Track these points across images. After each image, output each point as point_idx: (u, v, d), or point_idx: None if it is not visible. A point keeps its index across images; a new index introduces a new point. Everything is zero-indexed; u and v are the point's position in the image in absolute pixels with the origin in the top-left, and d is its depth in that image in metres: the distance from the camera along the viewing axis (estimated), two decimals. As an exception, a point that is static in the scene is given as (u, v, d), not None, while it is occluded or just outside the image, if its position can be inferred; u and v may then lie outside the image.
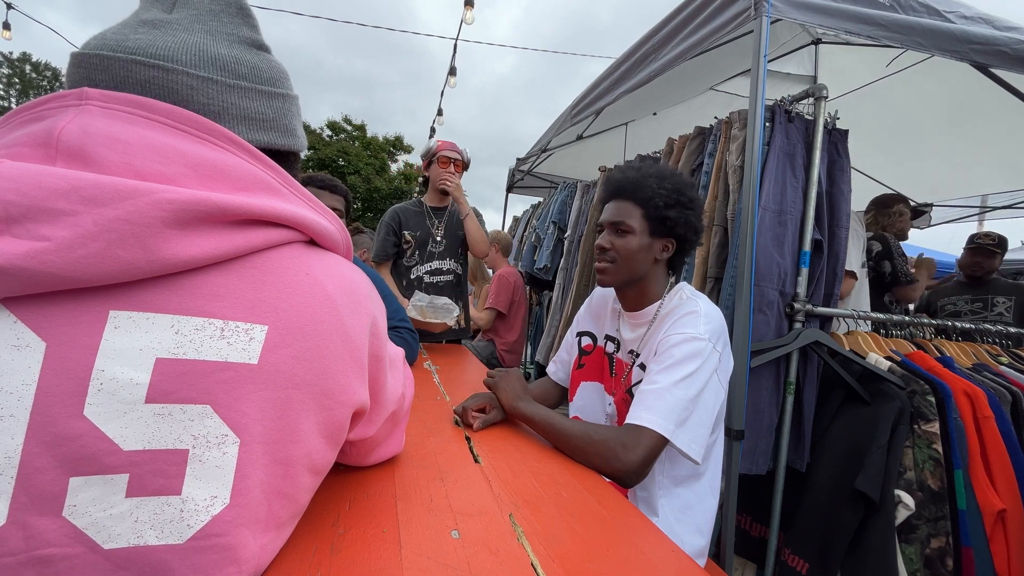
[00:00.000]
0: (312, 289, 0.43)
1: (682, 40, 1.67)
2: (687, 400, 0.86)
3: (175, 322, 0.36)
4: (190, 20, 0.44)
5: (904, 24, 1.39)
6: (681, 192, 1.00)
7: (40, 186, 0.33)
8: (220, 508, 0.36)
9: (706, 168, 1.82)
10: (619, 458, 0.82)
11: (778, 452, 1.47)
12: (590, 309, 1.23)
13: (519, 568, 0.50)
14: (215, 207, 0.37)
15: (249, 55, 0.47)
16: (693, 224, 1.01)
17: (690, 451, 0.85)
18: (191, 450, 0.35)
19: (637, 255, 1.00)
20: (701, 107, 2.68)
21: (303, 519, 0.54)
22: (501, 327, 3.16)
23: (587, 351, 1.18)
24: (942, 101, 2.39)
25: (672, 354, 0.91)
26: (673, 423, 0.84)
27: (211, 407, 0.36)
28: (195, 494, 0.35)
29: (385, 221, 2.12)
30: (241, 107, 0.45)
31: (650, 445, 0.83)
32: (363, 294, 0.49)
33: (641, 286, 1.04)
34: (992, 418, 1.35)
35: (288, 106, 0.50)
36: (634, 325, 1.06)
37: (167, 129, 0.39)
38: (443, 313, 1.76)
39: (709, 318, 0.95)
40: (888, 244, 2.25)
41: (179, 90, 0.41)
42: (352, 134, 21.34)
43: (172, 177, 0.37)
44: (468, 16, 4.71)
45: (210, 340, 0.37)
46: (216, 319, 0.37)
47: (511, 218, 4.85)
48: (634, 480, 0.84)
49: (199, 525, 0.35)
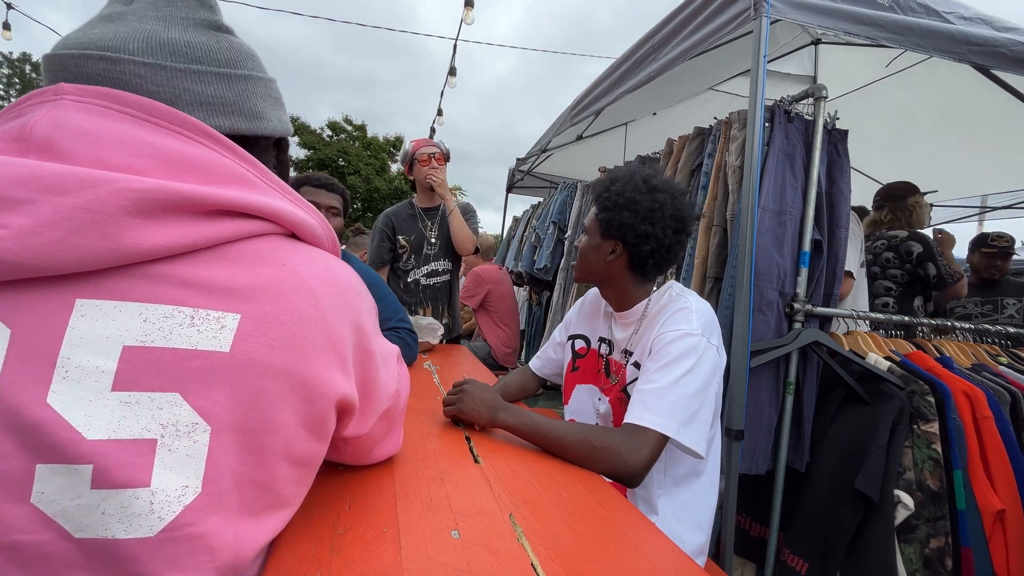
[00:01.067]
0: (289, 279, 0.42)
1: (682, 40, 1.67)
2: (688, 397, 0.87)
3: (143, 310, 0.36)
4: (145, 8, 0.44)
5: (903, 25, 1.39)
6: (623, 195, 0.98)
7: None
8: (192, 498, 0.36)
9: (706, 168, 1.82)
10: (625, 462, 0.82)
11: (778, 452, 1.47)
12: (583, 312, 1.23)
13: (519, 568, 0.50)
14: (180, 196, 0.37)
15: (204, 37, 0.45)
16: (632, 226, 0.97)
17: (697, 448, 0.85)
18: (159, 439, 0.35)
19: (588, 254, 1.06)
20: (701, 107, 2.68)
21: (303, 519, 0.54)
22: (487, 325, 3.15)
23: (581, 354, 1.18)
24: (942, 101, 2.39)
25: (668, 351, 0.91)
26: (677, 422, 0.84)
27: (180, 395, 0.36)
28: (165, 484, 0.35)
29: (378, 227, 2.11)
30: (196, 92, 0.44)
31: (654, 446, 0.84)
32: (347, 287, 0.48)
33: (612, 286, 1.07)
34: (991, 418, 1.35)
35: (252, 88, 0.48)
36: (624, 325, 1.08)
37: (139, 122, 0.39)
38: (426, 332, 1.77)
39: (700, 313, 0.96)
40: (929, 244, 2.04)
41: (128, 79, 0.41)
42: (352, 134, 21.34)
43: (141, 170, 0.38)
44: (468, 16, 4.71)
45: (180, 328, 0.36)
46: (186, 307, 0.37)
47: (511, 218, 4.85)
48: (639, 481, 0.84)
49: (171, 516, 0.35)
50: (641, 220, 0.97)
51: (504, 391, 1.22)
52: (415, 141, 2.09)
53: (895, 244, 2.10)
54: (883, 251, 2.14)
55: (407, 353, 1.42)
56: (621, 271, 1.04)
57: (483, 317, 3.18)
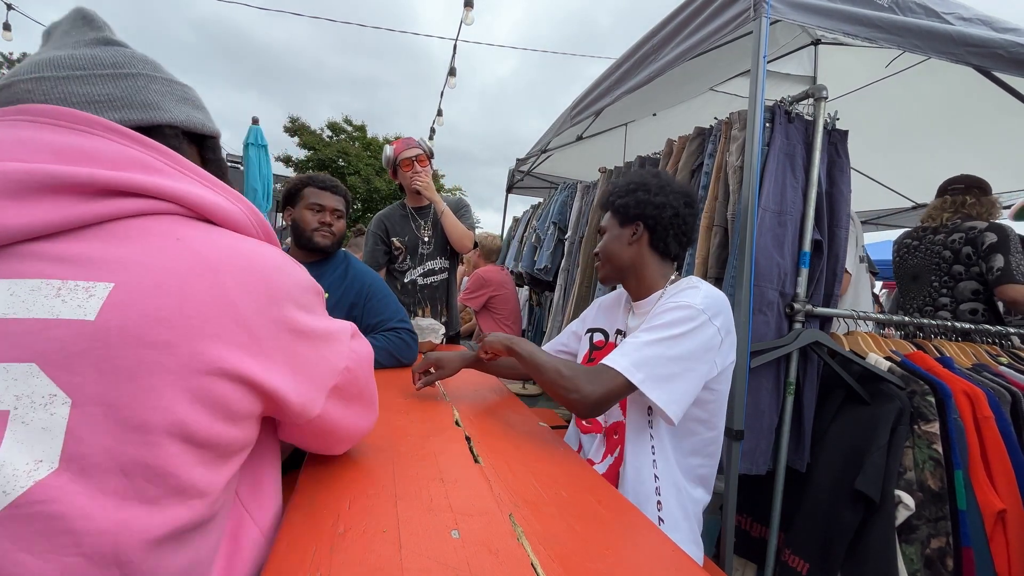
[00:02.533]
0: (181, 253, 0.42)
1: (682, 41, 1.67)
2: (667, 358, 0.87)
3: (11, 286, 0.37)
4: (49, 47, 0.50)
5: (901, 26, 1.39)
6: (634, 181, 1.09)
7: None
8: (46, 473, 0.34)
9: (706, 169, 1.82)
10: (578, 389, 0.87)
11: (778, 452, 1.47)
12: (602, 308, 1.27)
13: (519, 568, 0.50)
14: (47, 176, 0.39)
15: (91, 50, 0.50)
16: (656, 204, 1.06)
17: (667, 408, 0.85)
18: (12, 411, 0.34)
19: (611, 247, 1.11)
20: (701, 107, 2.68)
21: (303, 519, 0.54)
22: (489, 326, 3.16)
23: (599, 346, 1.20)
24: (942, 101, 2.39)
25: (662, 317, 0.93)
26: (644, 374, 0.86)
27: (37, 365, 0.35)
28: (14, 459, 0.33)
29: (372, 230, 2.11)
30: (82, 93, 0.48)
31: (612, 386, 0.87)
32: (265, 265, 0.48)
33: (636, 275, 1.10)
34: (992, 418, 1.35)
35: (143, 84, 0.52)
36: (640, 314, 1.09)
37: (38, 125, 0.43)
38: (428, 333, 1.78)
39: (708, 294, 0.96)
40: (1007, 235, 1.75)
41: (20, 96, 0.46)
42: (352, 135, 21.34)
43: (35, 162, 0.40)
44: (468, 16, 4.72)
45: (44, 299, 0.36)
46: (55, 279, 0.38)
47: (511, 219, 4.85)
48: (588, 412, 0.89)
49: (17, 492, 0.33)
50: (655, 194, 1.07)
51: (494, 368, 1.28)
52: (395, 144, 2.08)
53: (973, 237, 1.80)
54: (962, 245, 1.81)
55: (407, 353, 1.42)
56: (644, 253, 1.09)
57: (485, 318, 3.18)
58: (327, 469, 0.68)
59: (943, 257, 1.89)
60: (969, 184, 1.99)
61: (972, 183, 1.98)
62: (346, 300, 1.42)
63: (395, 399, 1.10)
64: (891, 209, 3.73)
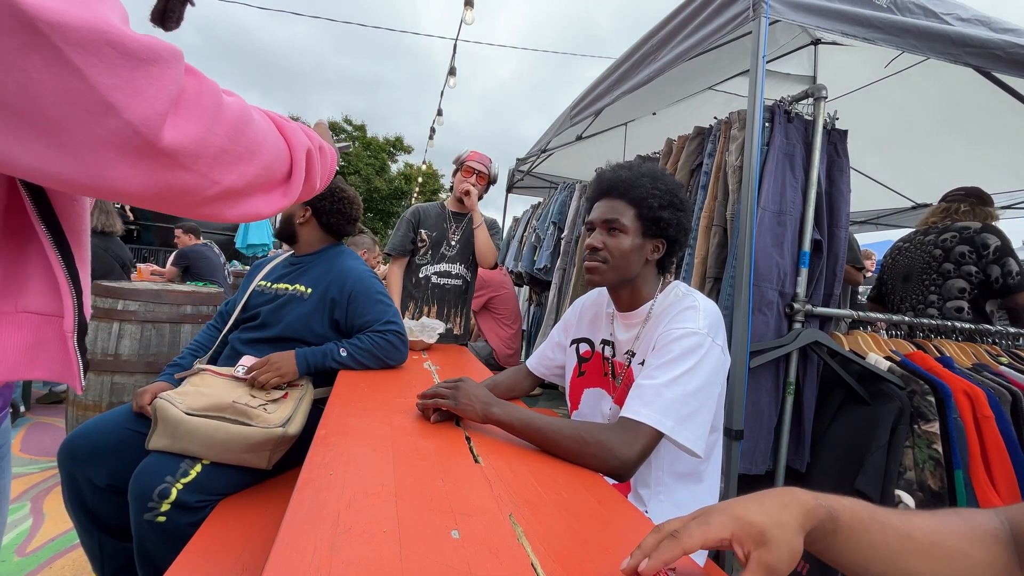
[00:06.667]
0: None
1: (681, 41, 1.68)
2: (687, 395, 0.86)
3: None
4: None
5: (900, 26, 1.40)
6: (674, 194, 1.01)
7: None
8: None
9: (705, 168, 1.82)
10: (616, 455, 0.81)
11: (778, 452, 1.47)
12: (582, 315, 1.22)
13: (519, 568, 0.50)
14: None
15: None
16: (684, 226, 1.02)
17: (694, 447, 0.85)
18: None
19: (630, 255, 1.00)
20: (700, 107, 2.69)
21: (303, 519, 0.54)
22: (489, 326, 3.16)
23: (586, 358, 1.17)
24: (941, 101, 2.39)
25: (671, 348, 0.90)
26: (672, 419, 0.84)
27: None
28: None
29: (406, 217, 2.15)
30: None
31: (646, 441, 0.83)
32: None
33: (633, 286, 1.05)
34: (992, 418, 1.35)
35: None
36: (628, 326, 1.06)
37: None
38: (420, 331, 1.79)
39: (707, 313, 0.96)
40: (1006, 238, 1.77)
41: None
42: (352, 134, 21.36)
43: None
44: (468, 16, 4.73)
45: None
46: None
47: (511, 218, 4.86)
48: (629, 475, 0.84)
49: None
50: (685, 214, 1.01)
51: (493, 388, 1.20)
52: (473, 152, 2.16)
53: (969, 236, 1.82)
54: (955, 244, 1.84)
55: (393, 354, 1.42)
56: (651, 268, 1.05)
57: (485, 319, 3.19)
58: (327, 469, 0.68)
59: (933, 256, 1.92)
60: (969, 193, 2.02)
61: (972, 193, 2.01)
62: (327, 296, 1.45)
63: (394, 399, 1.10)
64: (891, 209, 3.74)
